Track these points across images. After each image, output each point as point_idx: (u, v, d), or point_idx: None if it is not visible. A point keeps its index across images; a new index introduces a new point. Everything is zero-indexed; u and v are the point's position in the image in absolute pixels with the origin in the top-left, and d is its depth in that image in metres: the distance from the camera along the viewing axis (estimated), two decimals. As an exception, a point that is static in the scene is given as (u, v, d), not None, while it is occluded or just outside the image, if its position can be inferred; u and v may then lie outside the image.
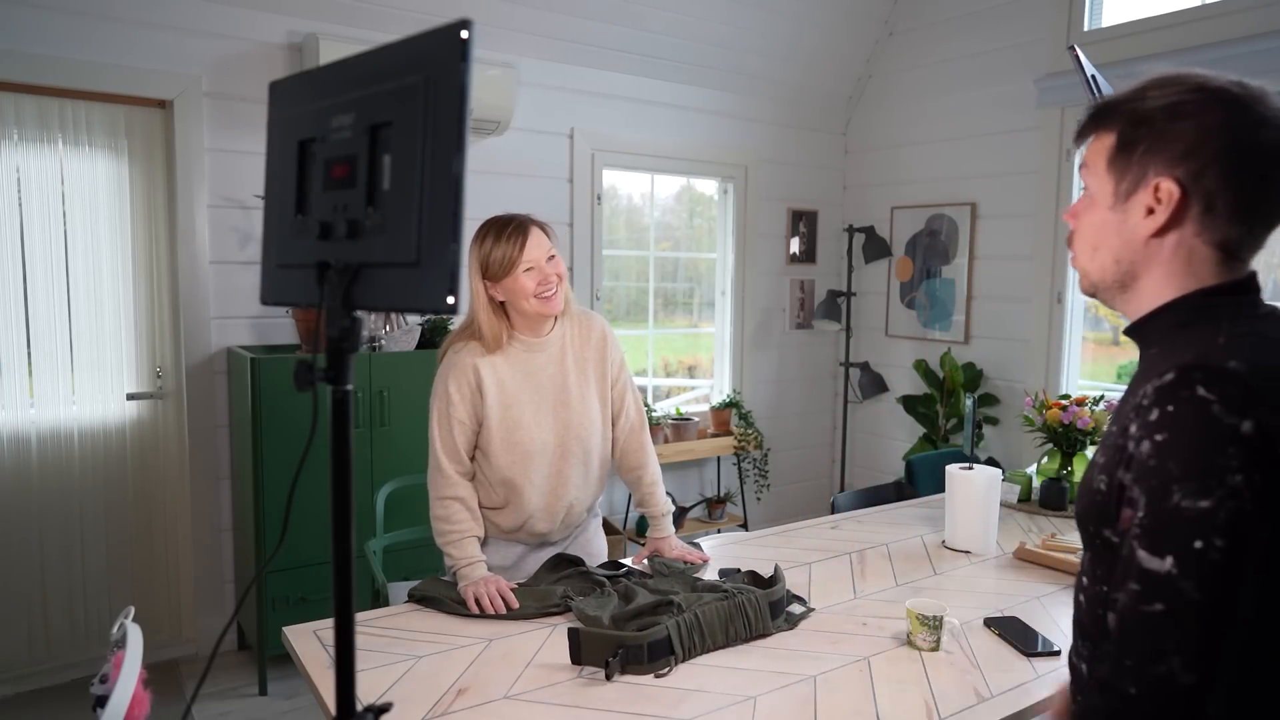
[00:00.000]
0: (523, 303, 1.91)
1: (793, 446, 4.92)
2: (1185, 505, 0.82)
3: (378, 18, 3.35)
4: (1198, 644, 0.80)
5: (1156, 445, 0.85)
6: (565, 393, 2.00)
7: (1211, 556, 0.80)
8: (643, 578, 1.91)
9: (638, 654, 1.53)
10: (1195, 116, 0.90)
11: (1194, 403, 0.83)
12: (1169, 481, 0.83)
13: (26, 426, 2.97)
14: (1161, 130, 0.92)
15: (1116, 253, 0.98)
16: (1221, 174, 0.90)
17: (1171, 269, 0.96)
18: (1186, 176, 0.91)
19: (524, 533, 2.04)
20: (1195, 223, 0.93)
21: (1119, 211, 0.97)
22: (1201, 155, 0.90)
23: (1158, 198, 0.93)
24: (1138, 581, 0.84)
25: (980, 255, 4.22)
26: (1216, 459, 0.81)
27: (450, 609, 1.82)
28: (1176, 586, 0.81)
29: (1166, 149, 0.92)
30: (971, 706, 1.45)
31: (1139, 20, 3.55)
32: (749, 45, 4.25)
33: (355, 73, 0.92)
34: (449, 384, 1.93)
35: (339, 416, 0.87)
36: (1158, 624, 0.82)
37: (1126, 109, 0.95)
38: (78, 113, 2.96)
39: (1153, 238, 0.95)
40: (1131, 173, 0.95)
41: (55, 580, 3.06)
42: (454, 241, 0.79)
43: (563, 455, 2.00)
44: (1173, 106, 0.91)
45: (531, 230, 1.91)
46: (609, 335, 2.09)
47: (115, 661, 1.04)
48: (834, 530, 2.45)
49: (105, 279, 3.07)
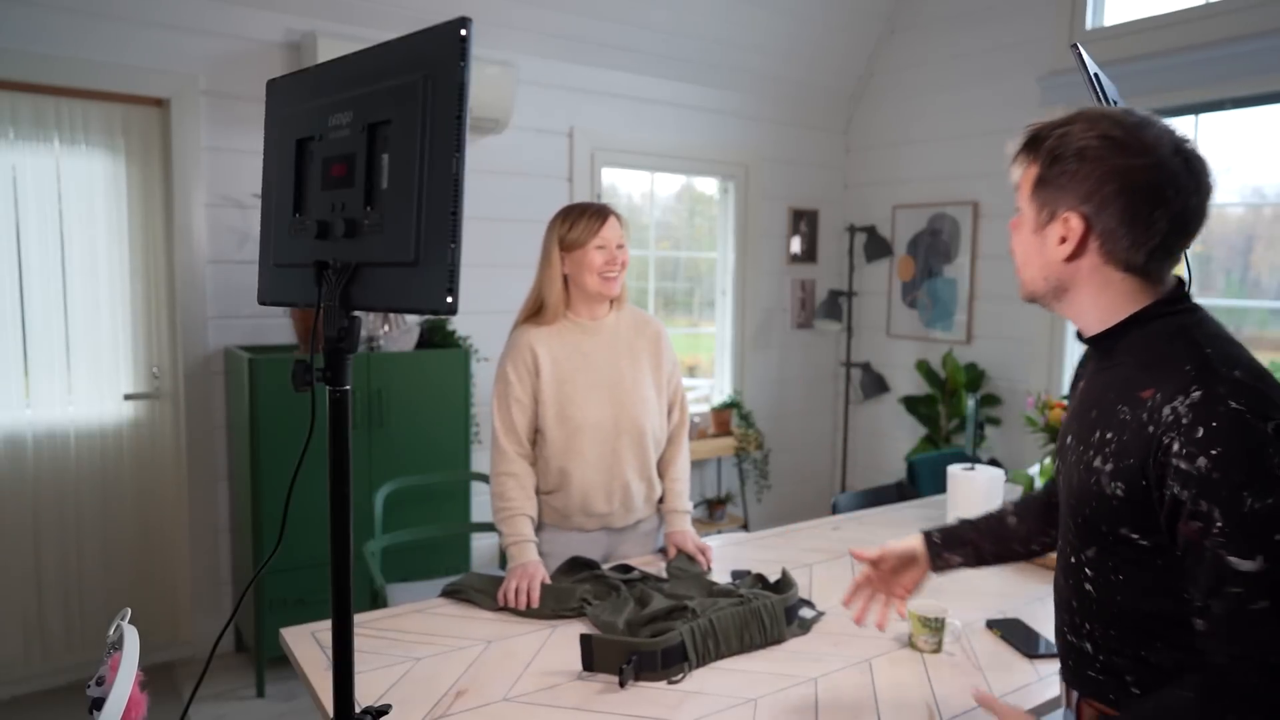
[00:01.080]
0: (587, 277, 2.04)
1: (793, 447, 4.92)
2: (1258, 506, 0.91)
3: (376, 16, 3.34)
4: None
5: (1214, 459, 0.93)
6: (618, 373, 2.10)
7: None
8: (658, 582, 1.90)
9: (651, 660, 1.52)
10: (1096, 161, 1.03)
11: (1232, 415, 0.93)
12: (1238, 488, 0.92)
13: (23, 427, 2.95)
14: (1073, 171, 1.05)
15: (1043, 271, 1.12)
16: (1117, 212, 1.03)
17: (1095, 287, 1.09)
18: (1090, 212, 1.05)
19: (583, 514, 2.09)
20: (1098, 253, 1.06)
21: (1040, 236, 1.11)
22: (1099, 195, 1.03)
23: (1067, 229, 1.07)
24: (1237, 585, 0.92)
25: (982, 254, 4.21)
26: (1268, 460, 0.91)
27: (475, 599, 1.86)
28: (1274, 579, 0.90)
29: (1075, 187, 1.05)
30: (973, 709, 1.45)
31: (1141, 19, 3.55)
32: (750, 43, 4.25)
33: (353, 71, 0.91)
34: (507, 366, 2.06)
35: (337, 417, 0.86)
36: (1268, 618, 0.90)
37: (1048, 146, 1.08)
38: (74, 111, 2.95)
39: (1067, 262, 1.09)
40: (1049, 205, 1.08)
41: (52, 582, 3.05)
42: (453, 241, 0.78)
43: (616, 433, 2.08)
44: (1081, 150, 1.04)
45: (612, 216, 2.07)
46: (664, 337, 2.21)
47: (112, 664, 1.03)
48: (835, 531, 2.44)
49: (102, 279, 3.06)
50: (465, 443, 3.28)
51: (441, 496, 3.23)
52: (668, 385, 2.21)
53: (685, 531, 2.16)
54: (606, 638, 1.55)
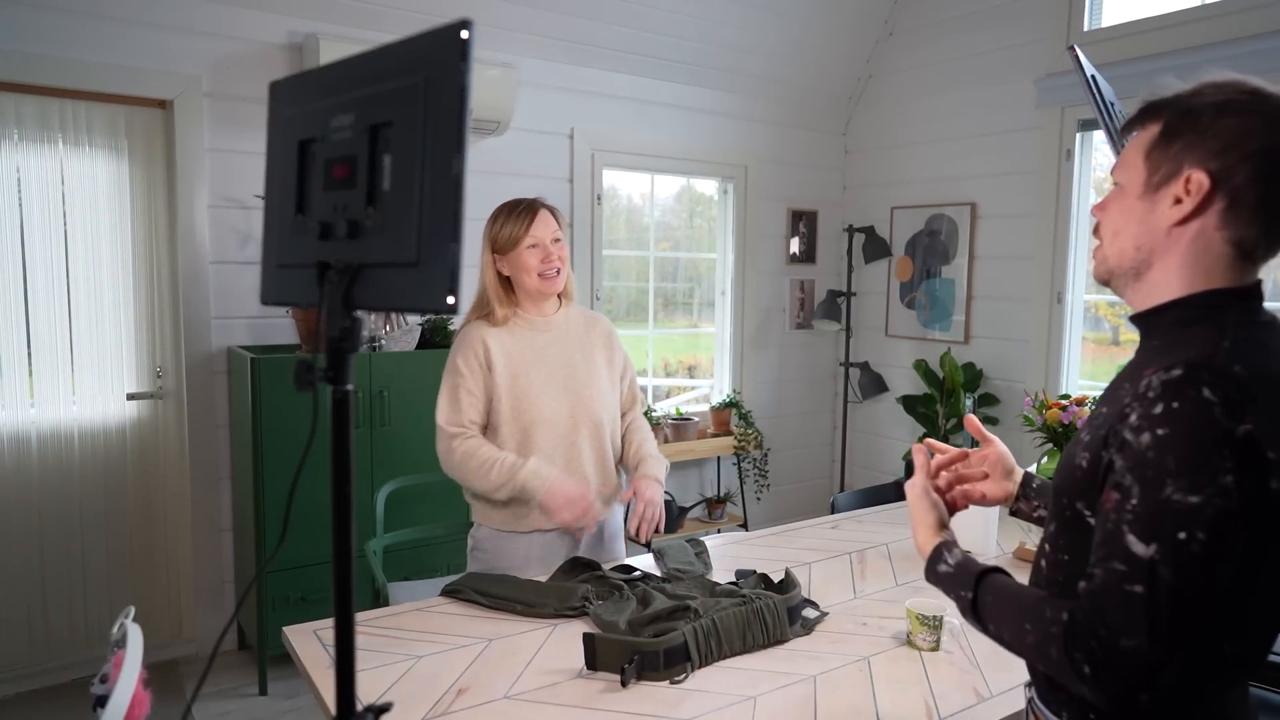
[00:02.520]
0: (525, 278, 2.01)
1: (793, 446, 4.92)
2: (1176, 499, 0.88)
3: (378, 18, 3.35)
4: (1168, 625, 0.87)
5: (1157, 439, 0.90)
6: (573, 367, 2.08)
7: (1192, 548, 0.87)
8: (660, 582, 1.90)
9: (654, 660, 1.52)
10: (1239, 115, 0.94)
11: (1198, 403, 0.88)
12: (1164, 475, 0.89)
13: (27, 426, 2.97)
14: (1205, 125, 0.96)
15: (1137, 239, 1.03)
16: (1252, 173, 0.94)
17: (1186, 260, 0.99)
18: (1219, 170, 0.95)
19: (541, 512, 1.99)
20: (1217, 217, 0.97)
21: (1147, 200, 1.01)
22: (1236, 153, 0.94)
23: (1187, 189, 0.97)
24: (1123, 562, 0.90)
25: (980, 255, 4.22)
26: (1212, 459, 0.87)
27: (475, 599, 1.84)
28: (1157, 571, 0.88)
29: (1205, 143, 0.96)
30: (971, 706, 1.46)
31: (1139, 20, 3.55)
32: (749, 45, 4.25)
33: (355, 73, 0.92)
34: (458, 359, 2.02)
35: (339, 416, 0.87)
36: (1136, 603, 0.88)
37: (1178, 102, 0.99)
38: (78, 113, 2.96)
39: (1174, 227, 0.99)
40: (1168, 164, 0.99)
41: (56, 580, 3.06)
42: (454, 241, 0.79)
43: (574, 426, 2.05)
44: (1221, 104, 0.96)
45: (540, 211, 2.02)
46: (614, 335, 2.20)
47: (115, 661, 1.04)
48: (834, 530, 2.45)
49: (105, 279, 3.07)
50: (466, 442, 3.28)
51: (443, 496, 3.23)
52: (622, 380, 2.19)
53: (653, 480, 2.09)
54: (609, 637, 1.56)
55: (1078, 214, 3.83)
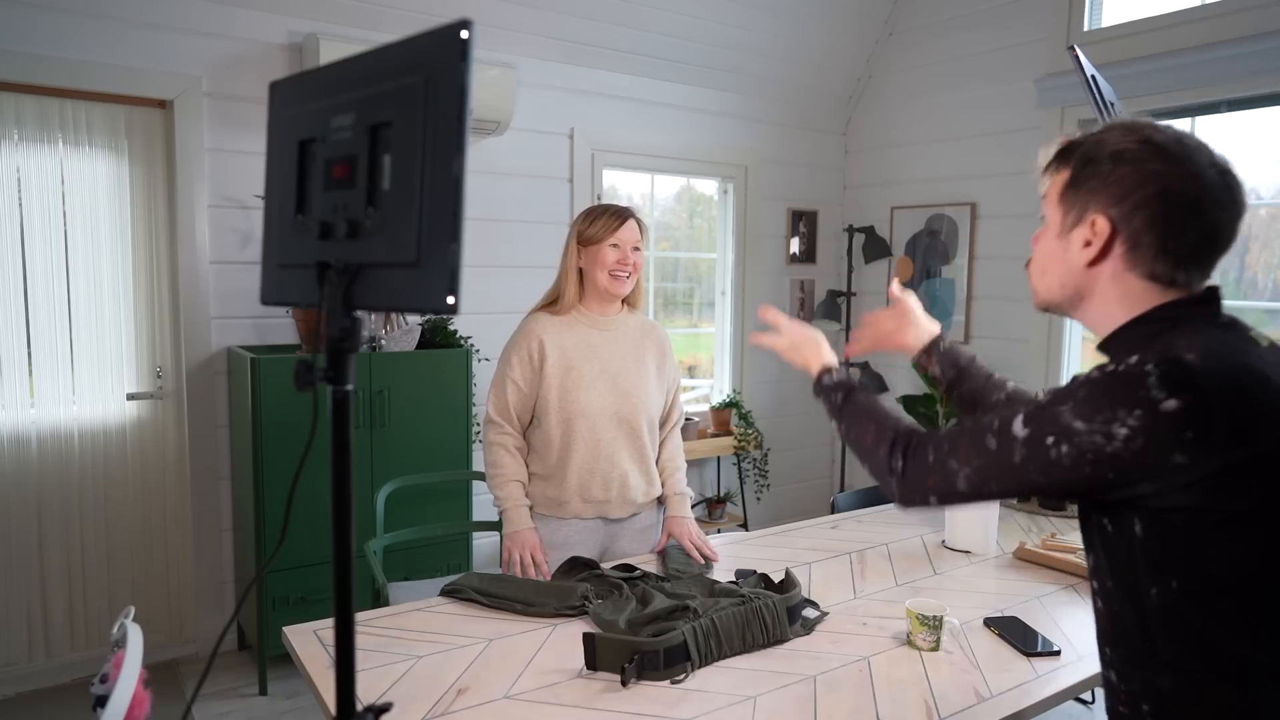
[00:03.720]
0: (598, 274, 2.12)
1: (793, 446, 4.92)
2: (1066, 416, 0.98)
3: (378, 18, 3.35)
4: (988, 480, 1.05)
5: (1088, 380, 0.99)
6: (623, 365, 2.17)
7: (1050, 453, 0.99)
8: (659, 581, 1.91)
9: (654, 660, 1.53)
10: (1133, 164, 1.02)
11: (1137, 374, 0.95)
12: (1069, 398, 0.99)
13: (27, 426, 2.97)
14: (1106, 173, 1.04)
15: (1061, 278, 1.11)
16: (1147, 218, 1.01)
17: (1115, 294, 1.07)
18: (1118, 216, 1.03)
19: (580, 500, 2.13)
20: (1122, 259, 1.05)
21: (1064, 240, 1.10)
22: (1132, 199, 1.02)
23: (1093, 231, 1.05)
24: (999, 421, 1.05)
25: (980, 255, 4.22)
26: (1119, 411, 0.94)
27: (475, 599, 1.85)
28: (1012, 448, 1.02)
29: (1106, 190, 1.04)
30: (971, 706, 1.46)
31: (1139, 20, 3.55)
32: (749, 45, 4.25)
33: (355, 73, 0.92)
34: (513, 352, 2.14)
35: (339, 416, 0.87)
36: (984, 452, 1.05)
37: (1082, 151, 1.07)
38: (78, 113, 2.96)
39: (1088, 267, 1.08)
40: (1076, 207, 1.07)
41: (56, 580, 3.06)
42: (454, 241, 0.79)
43: (616, 421, 2.14)
44: (1118, 153, 1.03)
45: (631, 219, 2.16)
46: (668, 345, 2.30)
47: (115, 661, 1.04)
48: (834, 530, 2.45)
49: (105, 279, 3.07)
50: (466, 442, 3.29)
51: (443, 496, 3.24)
52: (669, 389, 2.29)
53: (685, 519, 2.22)
54: (609, 636, 1.56)
55: (1078, 214, 3.83)
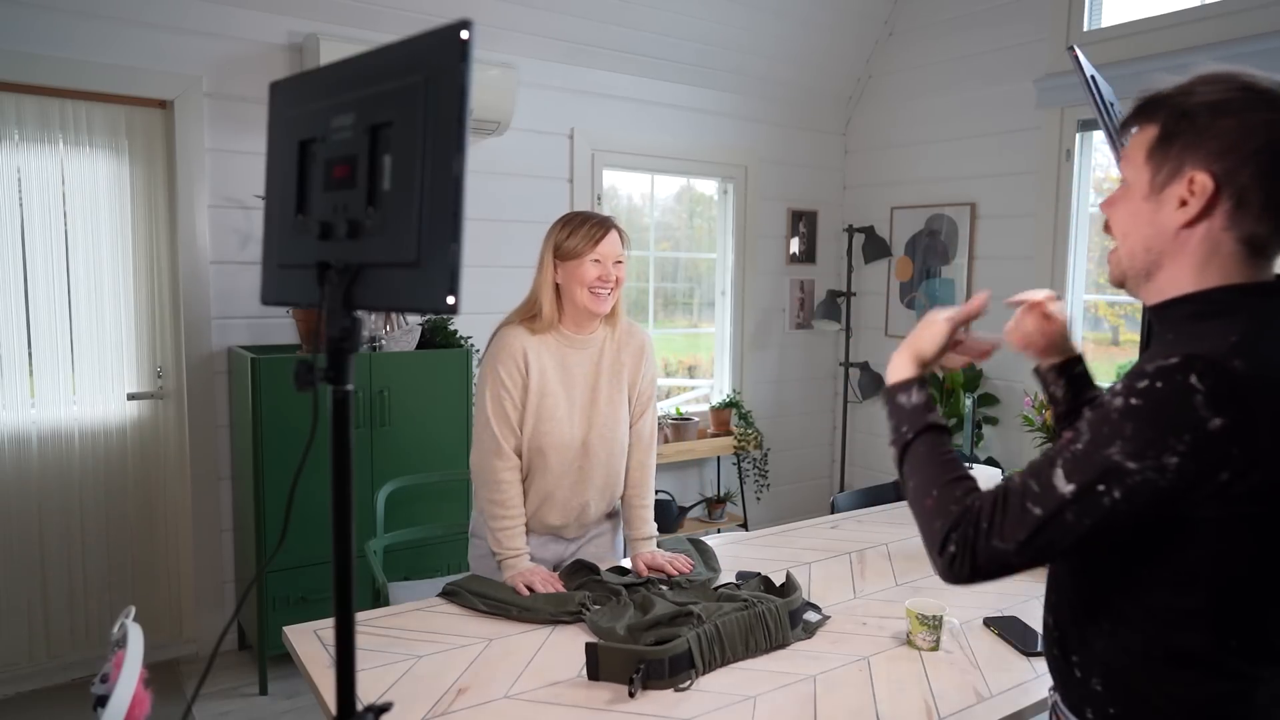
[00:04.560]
0: (577, 290, 1.97)
1: (793, 446, 4.92)
2: (1116, 460, 0.90)
3: (378, 18, 3.35)
4: (1042, 550, 0.95)
5: (1129, 406, 0.91)
6: (596, 393, 2.06)
7: (1103, 501, 0.91)
8: (661, 586, 1.89)
9: (659, 668, 1.51)
10: (1238, 114, 0.93)
11: (1182, 388, 0.88)
12: (1117, 436, 0.91)
13: (27, 426, 2.97)
14: (1203, 126, 0.95)
15: (1146, 241, 1.01)
16: (1256, 172, 0.93)
17: (1196, 260, 0.98)
18: (1221, 171, 0.94)
19: (535, 521, 2.06)
20: (1225, 217, 0.95)
21: (1152, 201, 1.00)
22: (1239, 152, 0.93)
23: (1191, 190, 0.96)
24: (1039, 485, 0.95)
25: (980, 255, 4.22)
26: (1169, 439, 0.88)
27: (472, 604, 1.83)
28: (1062, 507, 0.93)
29: (1205, 144, 0.95)
30: (971, 706, 1.46)
31: (1139, 20, 3.55)
32: (749, 46, 4.26)
33: (355, 73, 0.91)
34: (499, 366, 1.98)
35: (339, 416, 0.87)
36: (1028, 521, 0.95)
37: (1172, 103, 0.98)
38: (78, 113, 2.96)
39: (1182, 229, 0.98)
40: (1169, 165, 0.98)
41: (56, 580, 3.06)
42: (454, 241, 0.79)
43: (585, 453, 2.04)
44: (1217, 104, 0.94)
45: (612, 231, 1.99)
46: (647, 350, 2.14)
47: (116, 661, 1.04)
48: (834, 530, 2.45)
49: (106, 279, 3.07)
50: (466, 442, 3.28)
51: (443, 495, 3.24)
52: (637, 397, 2.13)
53: (652, 553, 2.06)
54: (612, 646, 1.54)
55: (1078, 214, 3.83)
